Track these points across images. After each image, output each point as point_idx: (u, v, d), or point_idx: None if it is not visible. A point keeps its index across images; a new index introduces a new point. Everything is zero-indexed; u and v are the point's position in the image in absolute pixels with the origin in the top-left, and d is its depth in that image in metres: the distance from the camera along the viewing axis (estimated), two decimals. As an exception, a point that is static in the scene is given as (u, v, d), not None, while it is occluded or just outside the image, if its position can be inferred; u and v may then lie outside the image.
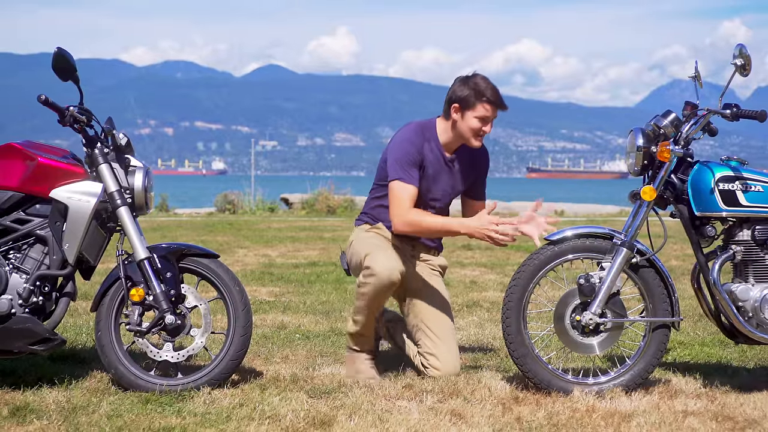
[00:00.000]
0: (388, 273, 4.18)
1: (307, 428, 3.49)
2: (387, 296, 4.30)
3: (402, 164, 4.35)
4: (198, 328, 4.10)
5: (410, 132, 4.47)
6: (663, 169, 4.07)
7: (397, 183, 4.33)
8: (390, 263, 4.22)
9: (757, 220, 4.08)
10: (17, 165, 4.04)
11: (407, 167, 4.35)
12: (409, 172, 4.35)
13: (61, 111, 3.96)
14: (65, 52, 3.96)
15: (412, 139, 4.42)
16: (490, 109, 4.34)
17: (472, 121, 4.35)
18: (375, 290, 4.21)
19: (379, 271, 4.17)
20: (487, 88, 4.33)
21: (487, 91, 4.33)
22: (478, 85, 4.35)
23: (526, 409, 3.80)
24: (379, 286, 4.20)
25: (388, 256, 4.25)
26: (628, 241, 4.05)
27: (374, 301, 4.26)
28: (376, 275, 4.18)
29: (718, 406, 3.90)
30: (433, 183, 4.47)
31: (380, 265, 4.19)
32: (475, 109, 4.33)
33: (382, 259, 4.22)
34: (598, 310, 4.04)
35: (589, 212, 22.14)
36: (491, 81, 4.38)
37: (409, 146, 4.39)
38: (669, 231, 4.14)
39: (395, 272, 4.21)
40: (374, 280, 4.18)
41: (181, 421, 3.55)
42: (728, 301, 4.06)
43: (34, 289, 3.97)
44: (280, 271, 8.90)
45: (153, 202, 4.27)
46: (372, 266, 4.19)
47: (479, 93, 4.32)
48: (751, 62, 4.00)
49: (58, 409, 3.71)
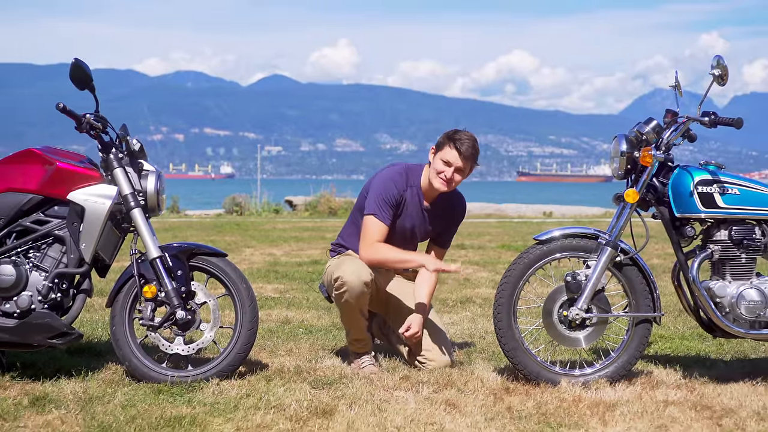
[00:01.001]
0: (356, 275, 4.21)
1: (310, 417, 3.49)
2: (365, 298, 4.28)
3: (380, 202, 4.39)
4: (207, 323, 4.10)
5: (396, 173, 4.50)
6: (645, 173, 4.07)
7: (372, 218, 4.38)
8: (355, 267, 4.25)
9: (733, 221, 4.08)
10: (37, 169, 4.04)
11: (384, 206, 4.39)
12: (385, 210, 4.39)
13: (78, 118, 3.96)
14: (82, 63, 3.96)
15: (397, 180, 4.46)
16: (453, 152, 4.34)
17: (437, 162, 4.39)
18: (351, 295, 4.22)
19: (348, 278, 4.20)
20: (460, 138, 4.38)
21: (455, 137, 4.38)
22: (456, 133, 4.43)
23: (517, 399, 3.81)
24: (353, 290, 4.21)
25: (352, 263, 4.29)
26: (613, 240, 4.05)
27: (355, 307, 4.27)
28: (346, 282, 4.20)
29: (696, 396, 3.90)
30: (406, 225, 4.50)
31: (347, 272, 4.22)
32: (443, 151, 4.38)
33: (347, 267, 4.25)
34: (584, 305, 4.04)
35: (575, 213, 22.16)
36: (470, 138, 4.40)
37: (393, 187, 4.43)
38: (651, 231, 4.14)
39: (363, 272, 4.23)
40: (347, 286, 4.21)
41: (191, 411, 3.55)
42: (706, 298, 4.06)
43: (53, 286, 3.97)
44: (285, 269, 8.90)
45: (165, 204, 4.27)
46: (341, 275, 4.22)
47: (450, 138, 4.38)
48: (728, 72, 4.00)
49: (76, 399, 3.71)
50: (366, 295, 4.28)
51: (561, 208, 23.33)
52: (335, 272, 4.27)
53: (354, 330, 4.37)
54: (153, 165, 4.16)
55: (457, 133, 4.41)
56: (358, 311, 4.30)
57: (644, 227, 4.12)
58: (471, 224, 15.68)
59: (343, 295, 4.24)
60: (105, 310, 4.82)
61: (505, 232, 14.94)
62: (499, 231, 15.11)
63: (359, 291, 4.22)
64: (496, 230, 15.26)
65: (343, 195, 21.57)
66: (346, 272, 4.22)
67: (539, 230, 4.21)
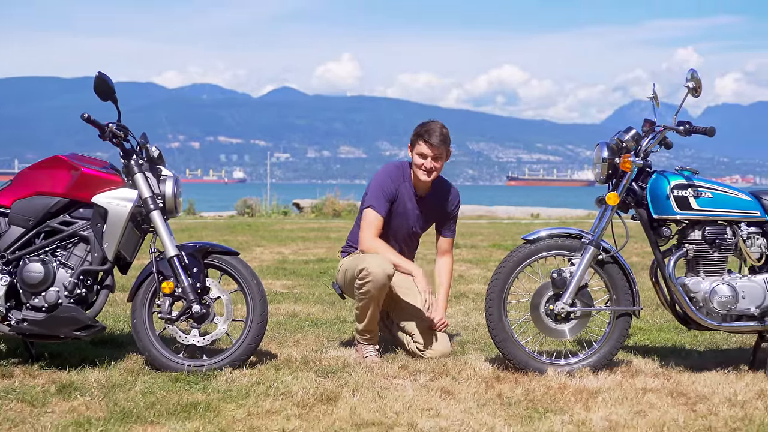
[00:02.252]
0: (381, 268, 4.19)
1: (315, 403, 3.49)
2: (385, 290, 4.28)
3: (378, 195, 4.42)
4: (221, 316, 4.10)
5: (393, 169, 4.54)
6: (625, 178, 4.07)
7: (369, 210, 4.42)
8: (380, 260, 4.24)
9: (706, 222, 4.09)
10: (64, 174, 4.04)
11: (381, 199, 4.41)
12: (382, 202, 4.41)
13: (102, 127, 3.96)
14: (105, 76, 3.96)
15: (393, 176, 4.50)
16: (425, 145, 4.39)
17: (415, 157, 4.45)
18: (374, 286, 4.20)
19: (373, 269, 4.19)
20: (428, 130, 4.41)
21: (423, 131, 4.42)
22: (423, 127, 4.46)
23: (506, 387, 3.81)
24: (378, 283, 4.20)
25: (376, 257, 4.28)
26: (595, 240, 4.05)
27: (375, 296, 4.25)
28: (372, 272, 4.18)
29: (673, 383, 3.90)
30: (402, 217, 4.52)
31: (373, 264, 4.20)
32: (417, 146, 4.43)
33: (372, 260, 4.24)
34: (569, 300, 4.04)
35: (561, 215, 22.13)
36: (438, 126, 4.43)
37: (390, 182, 4.47)
38: (630, 231, 4.14)
39: (388, 267, 4.23)
40: (371, 276, 4.18)
41: (206, 397, 3.55)
42: (682, 293, 4.06)
43: (78, 282, 3.97)
44: (292, 267, 8.89)
45: (182, 207, 4.27)
46: (366, 266, 4.20)
47: (419, 134, 4.44)
48: (701, 85, 4.00)
49: (99, 387, 3.71)
50: (386, 287, 4.27)
51: (548, 210, 23.31)
52: (360, 264, 4.25)
53: (368, 321, 4.33)
54: (171, 170, 4.16)
55: (425, 126, 4.47)
56: (376, 302, 4.28)
57: (624, 228, 4.12)
58: (464, 225, 15.66)
59: (366, 285, 4.21)
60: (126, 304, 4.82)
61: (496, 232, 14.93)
62: (491, 231, 15.09)
63: (382, 282, 4.21)
64: (488, 230, 15.25)
65: (347, 198, 21.55)
66: (371, 264, 4.21)
67: (527, 230, 4.21)
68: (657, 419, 3.31)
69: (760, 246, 4.10)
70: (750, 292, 4.04)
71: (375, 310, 4.31)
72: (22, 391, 3.63)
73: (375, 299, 4.26)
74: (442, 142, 4.40)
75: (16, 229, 4.03)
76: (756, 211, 4.10)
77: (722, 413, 3.42)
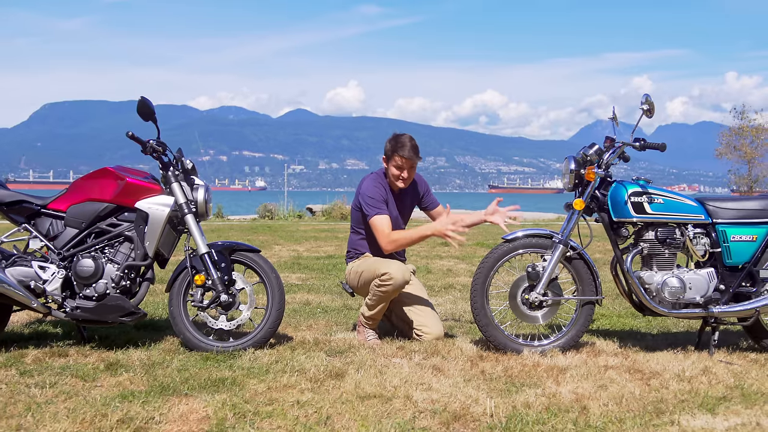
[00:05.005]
0: (402, 274, 4.18)
1: (325, 379, 3.48)
2: (399, 292, 4.28)
3: (376, 202, 4.37)
4: (245, 305, 4.09)
5: (375, 179, 4.48)
6: (590, 187, 4.07)
7: (377, 217, 4.34)
8: (402, 267, 4.22)
9: (659, 224, 4.08)
10: (111, 183, 4.04)
11: (380, 204, 4.37)
12: (382, 205, 4.37)
13: (144, 144, 3.96)
14: (147, 100, 3.96)
15: (378, 183, 4.45)
16: (400, 160, 4.35)
17: (391, 169, 4.40)
18: (394, 288, 4.20)
19: (395, 274, 4.16)
20: (401, 145, 4.34)
21: (397, 146, 4.35)
22: (396, 141, 4.38)
23: (488, 365, 3.80)
24: (397, 286, 4.19)
25: (398, 264, 4.25)
26: (564, 239, 4.05)
27: (390, 297, 4.26)
28: (393, 278, 4.16)
29: (630, 362, 3.89)
30: (392, 211, 4.48)
31: (396, 270, 4.17)
32: (392, 161, 4.38)
33: (395, 266, 4.20)
34: (542, 291, 4.03)
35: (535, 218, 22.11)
36: (408, 140, 4.36)
37: (378, 189, 4.41)
38: (594, 232, 4.13)
39: (408, 273, 4.23)
40: (393, 281, 4.16)
41: (232, 374, 3.54)
42: (638, 284, 4.06)
43: (123, 275, 3.97)
44: (306, 262, 8.89)
45: (211, 211, 4.27)
46: (389, 272, 4.17)
47: (393, 150, 4.37)
48: (654, 107, 4.00)
49: (141, 364, 3.70)
50: (402, 289, 4.25)
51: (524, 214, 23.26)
52: (381, 268, 4.19)
53: (377, 312, 4.31)
54: (202, 180, 4.16)
55: (397, 141, 4.38)
56: (388, 301, 4.28)
57: (589, 229, 4.12)
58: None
59: (387, 286, 4.18)
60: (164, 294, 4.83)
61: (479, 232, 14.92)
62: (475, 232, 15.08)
63: (401, 285, 4.19)
64: (472, 231, 15.22)
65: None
66: (394, 270, 4.17)
67: (506, 231, 4.20)
68: (617, 392, 3.30)
69: (704, 244, 4.10)
70: (696, 284, 4.04)
71: (386, 305, 4.31)
72: (76, 368, 3.62)
73: (389, 297, 4.25)
74: (414, 154, 4.36)
75: (70, 230, 4.03)
76: (701, 214, 4.10)
77: (672, 387, 3.41)
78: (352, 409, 3.01)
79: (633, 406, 3.11)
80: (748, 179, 30.93)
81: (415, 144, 4.39)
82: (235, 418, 2.90)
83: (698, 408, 3.10)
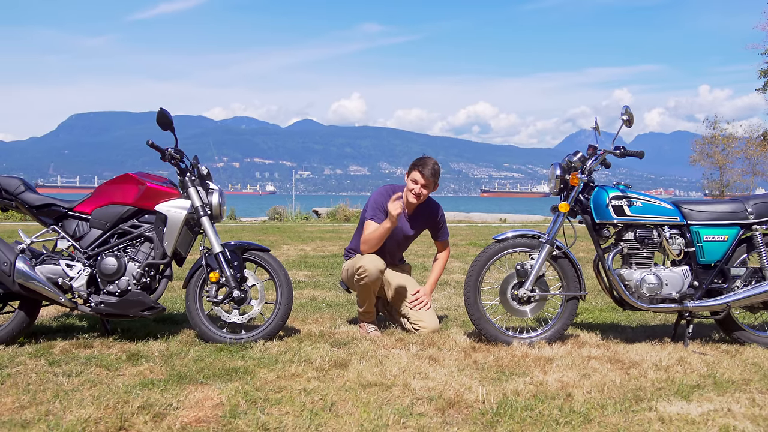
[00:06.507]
0: (374, 265, 4.20)
1: (330, 368, 3.48)
2: (378, 282, 4.27)
3: (376, 208, 4.37)
4: (256, 300, 4.09)
5: (385, 190, 4.49)
6: (574, 191, 4.07)
7: (368, 222, 4.36)
8: (373, 258, 4.23)
9: (637, 226, 4.08)
10: (133, 188, 4.04)
11: (376, 211, 4.36)
12: (379, 214, 4.35)
13: (163, 151, 3.96)
14: (165, 111, 3.96)
15: (388, 193, 4.43)
16: (418, 175, 4.34)
17: (409, 182, 4.39)
18: (369, 278, 4.21)
19: (368, 266, 4.19)
20: (423, 163, 4.35)
21: (420, 164, 4.36)
22: (420, 160, 4.41)
23: (481, 355, 3.80)
24: (371, 276, 4.20)
25: (370, 256, 4.27)
26: (550, 239, 4.05)
27: (371, 287, 4.26)
28: (367, 269, 4.19)
29: (611, 352, 3.89)
30: (401, 222, 4.45)
31: (367, 261, 4.21)
32: (412, 174, 4.38)
33: (367, 259, 4.23)
34: (530, 287, 4.03)
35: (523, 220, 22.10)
36: (431, 162, 4.36)
37: (385, 198, 4.39)
38: (578, 233, 4.13)
39: (379, 262, 4.22)
40: (367, 273, 4.19)
41: (244, 364, 3.54)
42: (618, 281, 4.06)
43: (144, 273, 3.97)
44: (312, 260, 8.88)
45: (225, 213, 4.27)
46: (362, 264, 4.21)
47: (415, 164, 4.38)
48: (633, 118, 4.00)
49: (160, 355, 3.70)
50: (380, 279, 4.26)
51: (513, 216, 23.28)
52: (357, 263, 4.24)
53: (367, 304, 4.34)
54: (216, 185, 4.16)
55: (421, 160, 4.41)
56: (372, 291, 4.28)
57: (573, 230, 4.11)
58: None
59: (363, 279, 4.21)
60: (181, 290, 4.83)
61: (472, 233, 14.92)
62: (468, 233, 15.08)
63: (375, 275, 4.20)
64: (466, 232, 15.24)
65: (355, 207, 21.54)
66: (366, 262, 4.20)
67: (497, 232, 4.21)
68: (599, 380, 3.30)
69: (680, 244, 4.10)
70: (672, 281, 4.03)
71: (372, 296, 4.31)
72: (100, 358, 3.62)
73: (370, 288, 4.26)
74: (432, 176, 4.36)
75: (95, 231, 4.03)
76: (676, 216, 4.10)
77: (650, 376, 3.41)
78: (355, 396, 3.01)
79: (614, 393, 3.11)
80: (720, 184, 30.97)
81: (437, 169, 4.38)
82: (246, 405, 2.90)
83: (674, 395, 3.10)
